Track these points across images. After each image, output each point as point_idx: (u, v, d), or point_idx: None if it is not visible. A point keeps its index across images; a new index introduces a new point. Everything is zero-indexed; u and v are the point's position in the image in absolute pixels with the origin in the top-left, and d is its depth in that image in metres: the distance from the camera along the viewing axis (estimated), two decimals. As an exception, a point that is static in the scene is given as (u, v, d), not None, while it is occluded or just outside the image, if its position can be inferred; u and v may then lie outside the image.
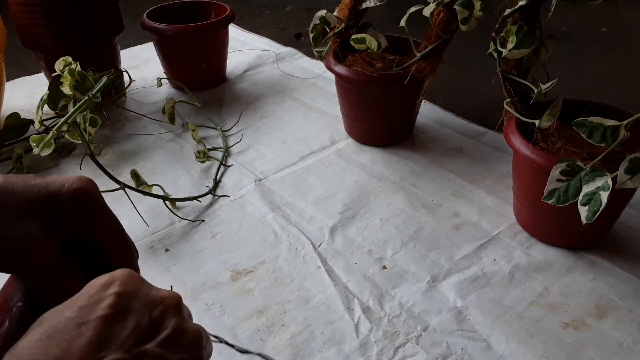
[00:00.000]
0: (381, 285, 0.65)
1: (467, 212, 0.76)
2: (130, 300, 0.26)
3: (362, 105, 0.89)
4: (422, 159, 0.88)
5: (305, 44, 1.39)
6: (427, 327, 0.59)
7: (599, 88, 1.15)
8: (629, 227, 0.72)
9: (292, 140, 0.94)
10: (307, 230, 0.73)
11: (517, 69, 0.67)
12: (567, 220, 0.64)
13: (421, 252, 0.70)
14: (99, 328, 0.24)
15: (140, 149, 0.93)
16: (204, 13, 1.16)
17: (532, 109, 0.68)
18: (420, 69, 0.81)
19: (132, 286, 0.27)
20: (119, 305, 0.25)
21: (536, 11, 0.64)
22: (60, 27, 0.98)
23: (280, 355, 0.57)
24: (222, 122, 1.00)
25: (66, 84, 0.83)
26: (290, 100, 1.08)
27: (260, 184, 0.83)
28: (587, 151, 0.62)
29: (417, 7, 0.77)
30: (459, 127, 0.97)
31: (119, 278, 0.27)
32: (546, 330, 0.59)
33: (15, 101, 1.09)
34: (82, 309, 0.25)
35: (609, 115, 0.59)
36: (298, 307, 0.62)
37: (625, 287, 0.64)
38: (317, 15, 0.87)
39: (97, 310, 0.25)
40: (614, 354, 0.56)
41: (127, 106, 1.06)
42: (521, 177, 0.70)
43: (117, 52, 1.10)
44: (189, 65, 1.09)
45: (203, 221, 0.76)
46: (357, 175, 0.85)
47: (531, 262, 0.68)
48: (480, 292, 0.63)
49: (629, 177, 0.55)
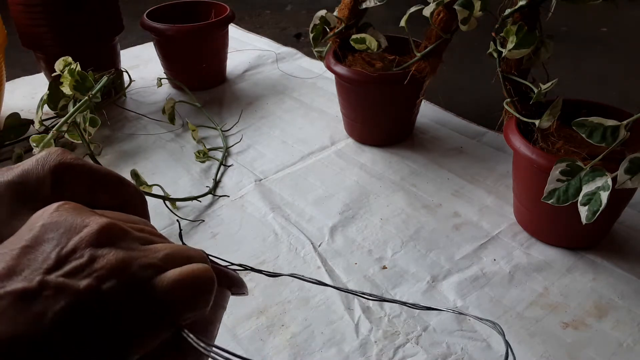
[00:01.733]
0: (381, 285, 0.65)
1: (467, 212, 0.76)
2: (51, 230, 0.24)
3: (362, 105, 0.89)
4: (422, 159, 0.88)
5: (305, 44, 1.39)
6: (427, 327, 0.59)
7: (599, 88, 1.15)
8: (629, 227, 0.72)
9: (292, 140, 0.94)
10: (307, 230, 0.73)
11: (517, 69, 0.67)
12: (567, 220, 0.64)
13: (421, 252, 0.70)
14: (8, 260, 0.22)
15: (140, 149, 0.93)
16: (204, 13, 1.16)
17: (532, 109, 0.68)
18: (420, 69, 0.81)
19: (58, 216, 0.24)
20: (38, 236, 0.23)
21: (536, 11, 0.64)
22: (60, 27, 0.98)
23: (280, 355, 0.57)
24: (222, 122, 1.00)
25: (66, 84, 0.83)
26: (290, 100, 1.08)
27: (260, 184, 0.83)
28: (587, 151, 0.62)
29: (417, 7, 0.77)
30: (459, 127, 0.97)
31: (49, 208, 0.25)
32: (546, 330, 0.59)
33: (15, 101, 1.09)
34: (7, 243, 0.23)
35: (609, 115, 0.59)
36: (298, 307, 0.62)
37: (625, 287, 0.64)
38: (317, 15, 0.87)
39: (17, 242, 0.23)
40: (614, 354, 0.56)
41: (127, 106, 1.06)
42: (521, 177, 0.70)
43: (117, 52, 1.10)
44: (189, 65, 1.09)
45: (203, 221, 0.76)
46: (357, 175, 0.85)
47: (531, 262, 0.68)
48: (480, 292, 0.63)
49: (629, 177, 0.55)
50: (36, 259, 0.23)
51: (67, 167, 0.29)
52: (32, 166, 0.29)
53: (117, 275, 0.23)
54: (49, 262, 0.23)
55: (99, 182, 0.30)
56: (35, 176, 0.29)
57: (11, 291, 0.22)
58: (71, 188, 0.29)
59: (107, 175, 0.30)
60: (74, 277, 0.22)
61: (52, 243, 0.23)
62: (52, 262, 0.23)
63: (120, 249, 0.24)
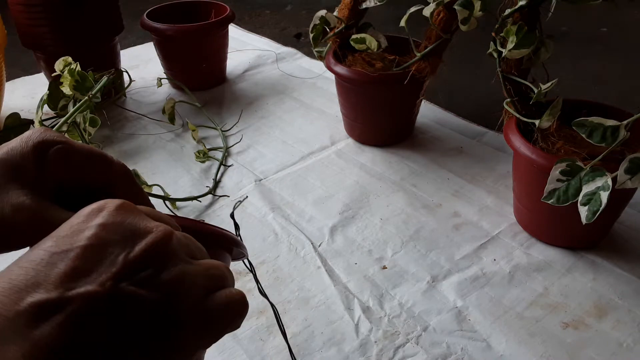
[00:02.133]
0: (381, 285, 0.65)
1: (467, 212, 0.76)
2: (113, 232, 0.24)
3: (362, 105, 0.89)
4: (422, 159, 0.88)
5: (305, 44, 1.39)
6: (427, 327, 0.59)
7: (599, 88, 1.15)
8: (629, 227, 0.72)
9: (292, 140, 0.94)
10: (307, 230, 0.73)
11: (517, 69, 0.67)
12: (567, 220, 0.64)
13: (421, 252, 0.70)
14: (72, 259, 0.22)
15: (140, 149, 0.93)
16: (204, 13, 1.16)
17: (532, 109, 0.68)
18: (420, 69, 0.81)
19: (119, 217, 0.24)
20: (99, 236, 0.23)
21: (536, 11, 0.64)
22: (60, 27, 0.98)
23: (280, 355, 0.57)
24: (222, 122, 1.00)
25: (66, 84, 0.83)
26: (290, 100, 1.08)
27: (260, 184, 0.83)
28: (587, 151, 0.62)
29: (417, 7, 0.77)
30: (459, 127, 0.97)
31: (105, 207, 0.25)
32: (546, 330, 0.59)
33: (15, 101, 1.09)
34: (60, 239, 0.23)
35: (609, 115, 0.59)
36: (298, 307, 0.62)
37: (625, 287, 0.64)
38: (317, 15, 0.87)
39: (76, 240, 0.23)
40: (614, 354, 0.56)
41: (127, 106, 1.06)
42: (521, 177, 0.70)
43: (117, 52, 1.10)
44: (189, 65, 1.09)
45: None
46: (357, 175, 0.85)
47: (531, 262, 0.68)
48: (480, 292, 0.63)
49: (629, 177, 0.55)
50: (102, 261, 0.23)
51: (49, 144, 0.30)
52: (17, 144, 0.30)
53: (183, 289, 0.24)
54: (116, 267, 0.23)
55: (83, 160, 0.30)
56: (20, 152, 0.29)
57: (83, 293, 0.22)
58: (54, 165, 0.30)
59: (90, 152, 0.31)
60: (143, 287, 0.23)
61: (118, 247, 0.23)
62: (119, 267, 0.23)
63: (182, 262, 0.25)
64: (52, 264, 0.22)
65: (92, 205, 0.25)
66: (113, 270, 0.23)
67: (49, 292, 0.21)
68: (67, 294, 0.21)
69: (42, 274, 0.22)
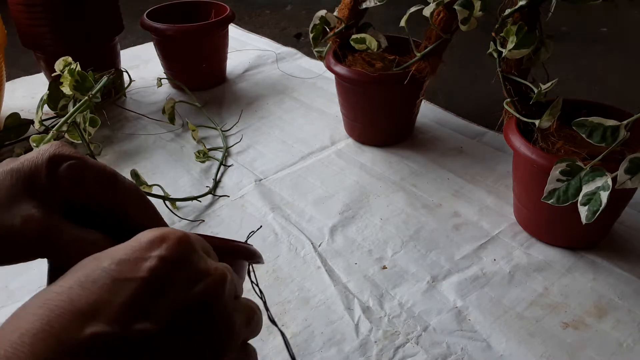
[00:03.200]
0: (381, 285, 0.65)
1: (467, 212, 0.76)
2: (174, 268, 0.24)
3: (362, 105, 0.89)
4: (422, 159, 0.88)
5: (305, 44, 1.39)
6: (427, 327, 0.59)
7: (599, 88, 1.15)
8: (629, 227, 0.72)
9: (292, 140, 0.94)
10: (307, 230, 0.73)
11: (517, 69, 0.67)
12: (567, 220, 0.64)
13: (421, 252, 0.70)
14: (134, 291, 0.23)
15: (140, 149, 0.93)
16: (204, 13, 1.16)
17: (532, 109, 0.68)
18: (420, 69, 0.81)
19: (179, 253, 0.25)
20: (160, 270, 0.24)
21: (536, 11, 0.64)
22: (60, 27, 0.98)
23: (280, 355, 0.57)
24: (222, 122, 1.00)
25: (66, 84, 0.83)
26: (290, 100, 1.08)
27: (260, 184, 0.83)
28: (587, 151, 0.62)
29: (417, 7, 0.77)
30: (459, 127, 0.97)
31: (167, 240, 0.25)
32: (546, 330, 0.59)
33: (15, 101, 1.09)
34: (121, 263, 0.24)
35: (609, 115, 0.59)
36: (298, 307, 0.62)
37: (625, 287, 0.64)
38: (317, 15, 0.87)
39: (137, 270, 0.23)
40: (614, 354, 0.56)
41: (127, 106, 1.06)
42: (521, 177, 0.70)
43: (117, 52, 1.10)
44: (189, 65, 1.09)
45: (203, 221, 0.76)
46: (357, 175, 0.85)
47: (531, 262, 0.68)
48: (480, 292, 0.63)
49: (629, 177, 0.55)
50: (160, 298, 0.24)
51: (63, 158, 0.30)
52: (33, 155, 0.30)
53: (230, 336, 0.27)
54: (175, 306, 0.24)
55: (94, 178, 0.31)
56: (34, 165, 0.30)
57: (142, 330, 0.22)
58: (65, 180, 0.30)
59: (102, 171, 0.31)
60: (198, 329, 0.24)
61: (177, 285, 0.24)
62: (177, 306, 0.24)
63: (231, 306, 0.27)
64: (114, 292, 0.23)
65: (153, 232, 0.26)
66: (171, 309, 0.23)
67: (111, 325, 0.22)
68: (126, 329, 0.22)
69: (103, 300, 0.22)
